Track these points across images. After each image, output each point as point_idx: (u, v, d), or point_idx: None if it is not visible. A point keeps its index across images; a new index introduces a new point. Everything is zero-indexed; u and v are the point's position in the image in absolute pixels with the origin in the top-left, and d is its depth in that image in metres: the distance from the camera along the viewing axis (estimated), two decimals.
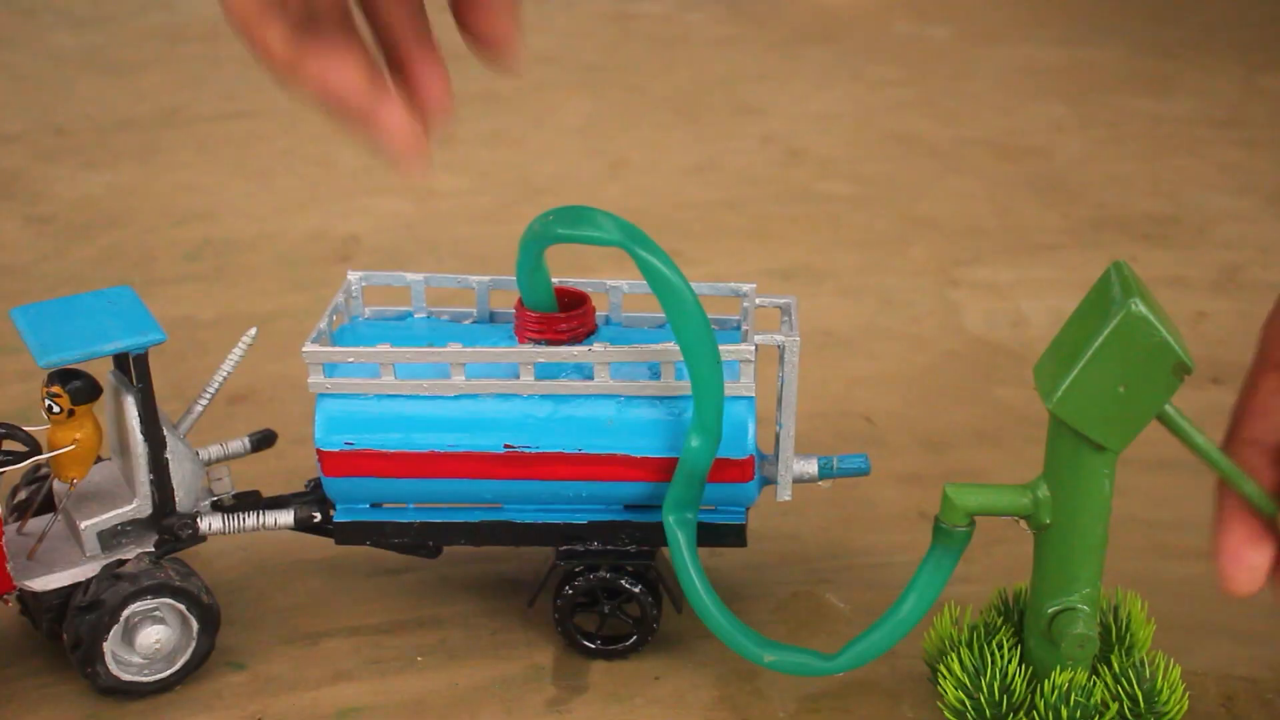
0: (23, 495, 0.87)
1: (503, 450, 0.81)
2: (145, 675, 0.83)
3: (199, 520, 0.84)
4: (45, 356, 0.77)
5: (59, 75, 2.00)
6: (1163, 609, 0.85)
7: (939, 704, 0.79)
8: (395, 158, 0.63)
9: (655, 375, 0.81)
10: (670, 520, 0.80)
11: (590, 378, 0.81)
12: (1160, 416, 0.71)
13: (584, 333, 0.82)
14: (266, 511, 0.86)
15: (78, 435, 0.80)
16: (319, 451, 0.82)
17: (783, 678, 0.85)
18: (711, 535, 0.83)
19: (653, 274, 0.75)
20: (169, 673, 0.83)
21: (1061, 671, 0.76)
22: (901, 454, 1.08)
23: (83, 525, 0.81)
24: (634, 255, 0.75)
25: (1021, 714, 0.77)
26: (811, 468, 0.85)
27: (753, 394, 0.81)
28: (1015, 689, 0.76)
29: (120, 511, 0.82)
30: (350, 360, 0.81)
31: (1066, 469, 0.73)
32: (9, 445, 0.80)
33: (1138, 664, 0.77)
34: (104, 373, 0.83)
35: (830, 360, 1.22)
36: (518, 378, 0.81)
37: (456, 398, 0.81)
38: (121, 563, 0.82)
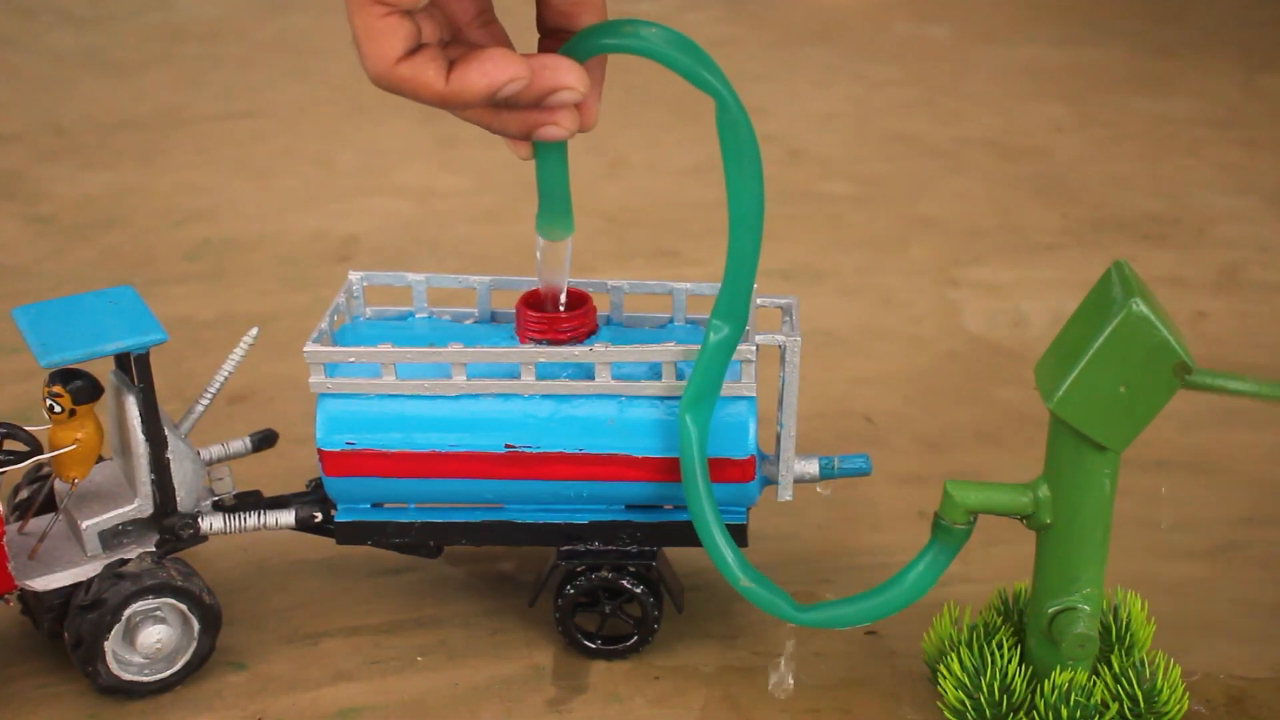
0: (24, 495, 0.87)
1: (504, 450, 0.81)
2: (146, 675, 0.83)
3: (200, 520, 0.84)
4: (47, 356, 0.77)
5: (59, 75, 2.00)
6: (1163, 609, 0.85)
7: (939, 704, 0.79)
8: (573, 123, 0.69)
9: (656, 375, 0.81)
10: (687, 418, 0.78)
11: (591, 378, 0.81)
12: (1190, 386, 0.70)
13: (585, 332, 0.82)
14: (267, 511, 0.86)
15: (79, 435, 0.80)
16: (320, 451, 0.82)
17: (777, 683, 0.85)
18: None
19: (722, 111, 0.71)
20: (170, 672, 0.83)
21: (1061, 671, 0.76)
22: (901, 454, 1.08)
23: (84, 525, 0.81)
24: (712, 92, 0.70)
25: (1021, 714, 0.77)
26: (812, 468, 0.85)
27: (754, 394, 0.81)
28: (1015, 689, 0.76)
29: (121, 511, 0.82)
30: (351, 360, 0.81)
31: (1067, 469, 0.73)
32: (10, 445, 0.80)
33: (1138, 664, 0.77)
34: (105, 372, 0.83)
35: (830, 360, 1.22)
36: (518, 378, 0.81)
37: (457, 398, 0.81)
38: (123, 562, 0.82)
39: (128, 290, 0.83)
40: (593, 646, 0.86)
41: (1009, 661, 0.77)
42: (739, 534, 0.83)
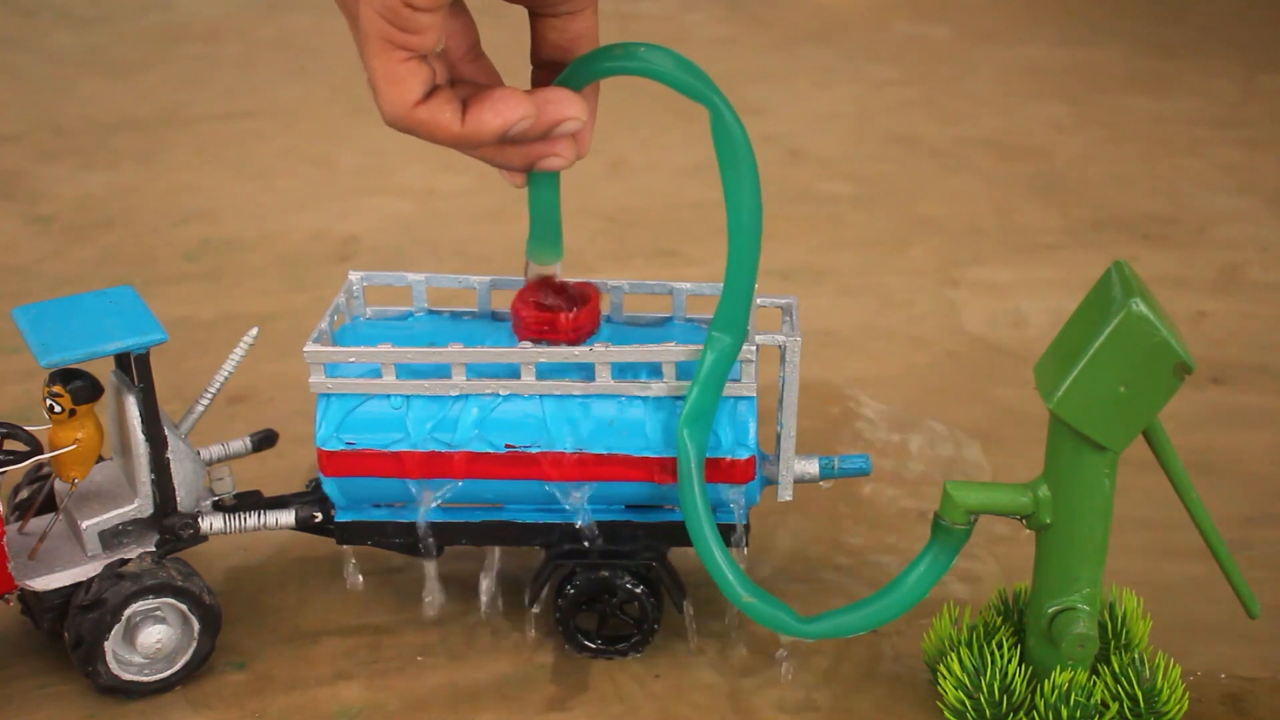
0: (24, 495, 0.87)
1: (503, 450, 0.81)
2: (146, 675, 0.83)
3: (200, 520, 0.84)
4: (47, 356, 0.77)
5: (59, 75, 2.00)
6: (1163, 609, 0.85)
7: (939, 704, 0.79)
8: (572, 153, 0.71)
9: (656, 375, 0.81)
10: (685, 434, 0.78)
11: (591, 378, 0.81)
12: (1148, 429, 0.72)
13: (586, 332, 0.82)
14: (267, 511, 0.86)
15: (79, 435, 0.80)
16: (320, 451, 0.82)
17: (783, 678, 0.85)
18: None
19: (717, 122, 0.72)
20: (170, 672, 0.83)
21: (1061, 671, 0.76)
22: (901, 454, 1.08)
23: (84, 525, 0.81)
24: (708, 104, 0.71)
25: (1021, 714, 0.77)
26: (812, 468, 0.85)
27: (754, 394, 0.81)
28: (1015, 689, 0.76)
29: (121, 511, 0.82)
30: (351, 360, 0.81)
31: (1067, 469, 0.73)
32: (10, 445, 0.80)
33: (1137, 663, 0.77)
34: (105, 372, 0.83)
35: (830, 360, 1.22)
36: (518, 378, 0.81)
37: (457, 398, 0.81)
38: (123, 562, 0.82)
39: (128, 290, 0.83)
40: (593, 646, 0.86)
41: (1009, 661, 0.77)
42: (740, 534, 0.83)
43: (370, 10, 0.62)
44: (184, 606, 0.82)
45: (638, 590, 0.84)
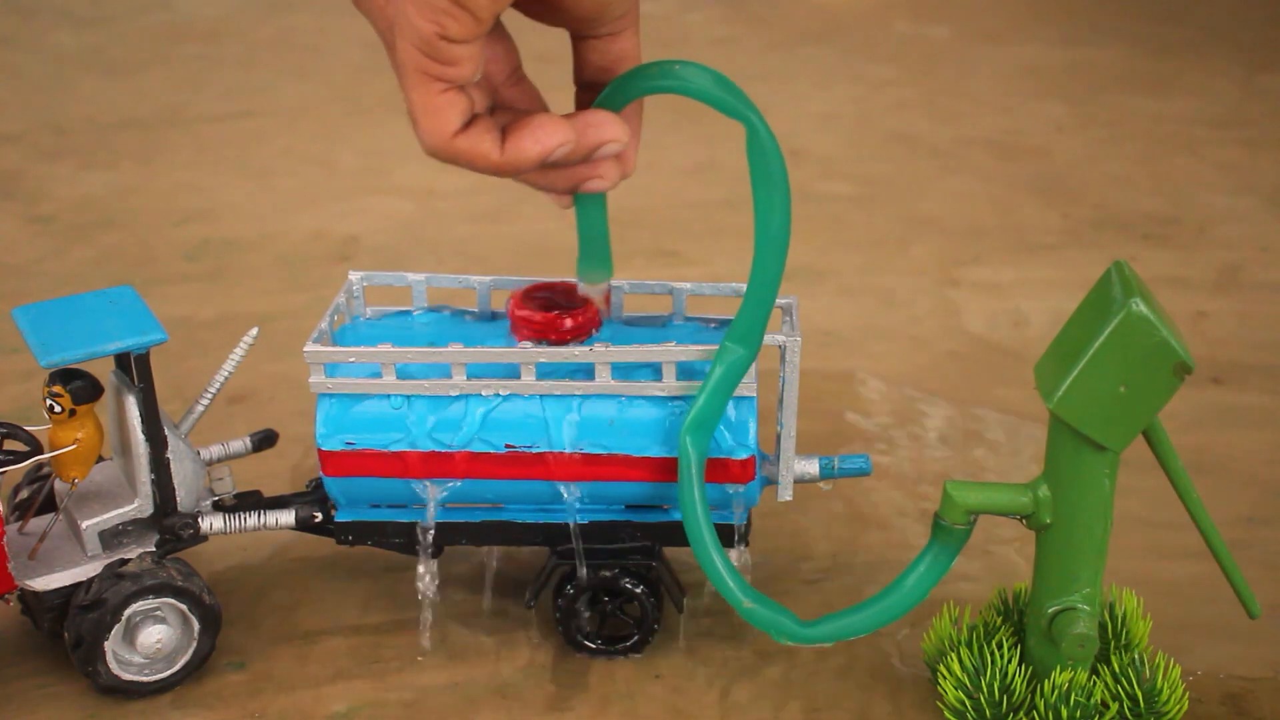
0: (24, 495, 0.87)
1: (503, 450, 0.81)
2: (146, 675, 0.83)
3: (200, 520, 0.84)
4: (47, 356, 0.77)
5: (59, 75, 2.00)
6: (1163, 609, 0.85)
7: (939, 704, 0.79)
8: (616, 174, 0.71)
9: (656, 375, 0.81)
10: (687, 440, 0.78)
11: (591, 378, 0.81)
12: (1148, 429, 0.72)
13: (586, 332, 0.82)
14: (267, 511, 0.86)
15: (79, 435, 0.80)
16: (320, 451, 0.82)
17: (783, 677, 0.85)
18: None
19: (752, 139, 0.72)
20: (170, 672, 0.83)
21: (1061, 671, 0.76)
22: (901, 454, 1.08)
23: (84, 525, 0.81)
24: (745, 121, 0.71)
25: (1021, 714, 0.77)
26: (813, 468, 0.85)
27: (754, 394, 0.81)
28: (1015, 689, 0.76)
29: (121, 511, 0.82)
30: (351, 360, 0.81)
31: (1067, 469, 0.73)
32: (10, 445, 0.80)
33: (1137, 663, 0.77)
34: (105, 372, 0.83)
35: (830, 360, 1.22)
36: (518, 377, 0.81)
37: (457, 398, 0.81)
38: (124, 562, 0.82)
39: (128, 290, 0.83)
40: (593, 646, 0.86)
41: (1009, 661, 0.77)
42: (740, 534, 0.83)
43: (406, 42, 0.62)
44: (184, 606, 0.82)
45: (638, 590, 0.84)
